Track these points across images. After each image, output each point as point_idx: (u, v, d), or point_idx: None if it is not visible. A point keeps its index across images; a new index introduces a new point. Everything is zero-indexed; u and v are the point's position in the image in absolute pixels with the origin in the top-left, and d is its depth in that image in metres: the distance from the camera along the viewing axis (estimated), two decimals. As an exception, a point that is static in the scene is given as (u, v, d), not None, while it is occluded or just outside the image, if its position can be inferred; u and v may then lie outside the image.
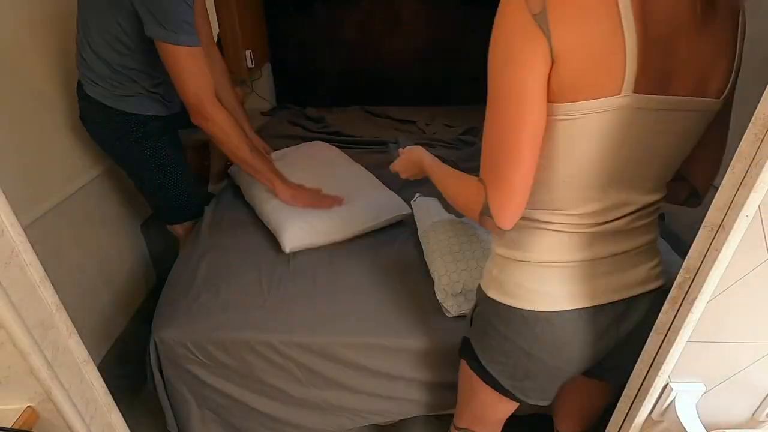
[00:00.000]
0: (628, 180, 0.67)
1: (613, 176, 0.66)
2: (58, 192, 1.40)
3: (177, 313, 1.17)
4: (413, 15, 2.54)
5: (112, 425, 0.72)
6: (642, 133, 0.63)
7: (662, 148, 0.66)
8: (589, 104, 0.59)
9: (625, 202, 0.69)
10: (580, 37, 0.56)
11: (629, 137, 0.62)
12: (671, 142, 0.66)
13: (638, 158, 0.65)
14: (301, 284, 1.25)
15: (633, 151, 0.64)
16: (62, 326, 0.61)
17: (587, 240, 0.70)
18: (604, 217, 0.69)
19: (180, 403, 1.20)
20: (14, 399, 0.59)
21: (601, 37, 0.57)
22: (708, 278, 0.55)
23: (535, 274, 0.73)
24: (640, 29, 0.56)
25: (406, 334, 1.12)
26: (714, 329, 0.61)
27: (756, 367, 0.65)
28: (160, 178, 1.48)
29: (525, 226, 0.72)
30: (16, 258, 0.53)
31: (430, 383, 1.17)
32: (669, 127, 0.64)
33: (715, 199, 0.53)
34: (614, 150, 0.63)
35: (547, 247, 0.71)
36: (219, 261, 1.33)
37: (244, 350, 1.12)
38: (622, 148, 0.63)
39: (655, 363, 0.66)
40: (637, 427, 0.73)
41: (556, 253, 0.71)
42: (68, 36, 1.43)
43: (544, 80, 0.59)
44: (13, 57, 1.24)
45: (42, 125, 1.35)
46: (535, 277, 0.73)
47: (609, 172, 0.65)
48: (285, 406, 1.19)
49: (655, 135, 0.64)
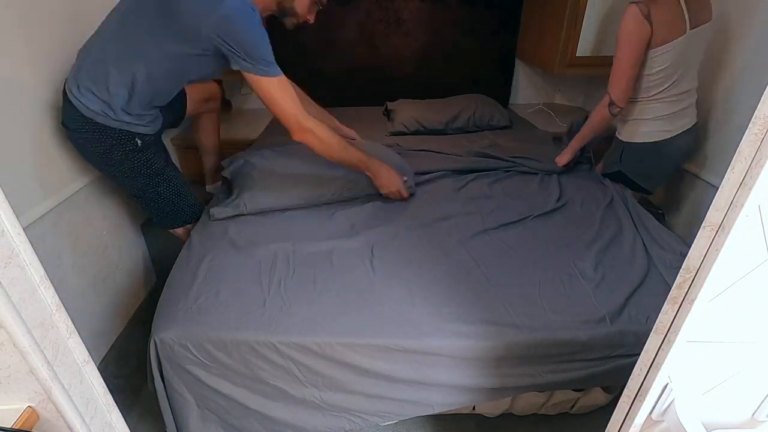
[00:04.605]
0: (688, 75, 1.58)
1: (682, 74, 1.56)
2: (58, 192, 1.39)
3: (177, 313, 1.17)
4: (413, 15, 2.54)
5: (112, 425, 0.72)
6: (692, 49, 1.52)
7: (698, 55, 1.57)
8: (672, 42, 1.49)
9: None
10: (665, 19, 1.46)
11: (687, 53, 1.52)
12: (702, 49, 1.57)
13: (692, 63, 1.56)
14: (301, 284, 1.25)
15: (689, 60, 1.55)
16: (62, 326, 0.61)
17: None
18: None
19: (180, 404, 1.20)
20: (14, 399, 0.59)
21: (674, 17, 1.47)
22: (708, 278, 0.55)
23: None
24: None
25: (406, 334, 1.12)
26: (714, 329, 0.61)
27: (756, 367, 0.65)
28: (154, 185, 1.49)
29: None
30: (16, 258, 0.53)
31: (430, 384, 1.17)
32: (701, 44, 1.54)
33: (715, 199, 0.53)
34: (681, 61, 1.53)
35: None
36: (219, 261, 1.33)
37: (244, 350, 1.12)
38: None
39: (655, 363, 0.66)
40: (637, 427, 0.73)
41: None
42: (67, 38, 1.43)
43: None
44: (13, 58, 1.24)
45: (42, 125, 1.35)
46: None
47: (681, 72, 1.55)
48: (285, 406, 1.19)
49: (696, 49, 1.54)
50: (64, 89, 1.32)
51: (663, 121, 1.63)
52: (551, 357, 1.15)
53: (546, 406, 1.37)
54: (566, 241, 1.45)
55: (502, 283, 1.27)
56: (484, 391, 1.18)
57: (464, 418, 1.44)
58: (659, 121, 1.63)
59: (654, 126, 1.64)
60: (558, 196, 1.71)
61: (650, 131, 1.65)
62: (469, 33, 2.61)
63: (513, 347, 1.12)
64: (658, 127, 1.64)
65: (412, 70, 2.69)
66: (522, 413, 1.41)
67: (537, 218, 1.58)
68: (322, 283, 1.26)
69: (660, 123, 1.63)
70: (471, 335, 1.12)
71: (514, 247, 1.42)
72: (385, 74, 2.68)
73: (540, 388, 1.21)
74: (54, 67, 1.39)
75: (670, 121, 1.62)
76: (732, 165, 0.50)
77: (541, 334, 1.13)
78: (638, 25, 1.45)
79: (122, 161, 1.40)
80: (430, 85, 2.69)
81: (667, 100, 1.59)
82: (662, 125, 1.63)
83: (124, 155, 1.39)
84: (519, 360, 1.14)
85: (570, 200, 1.70)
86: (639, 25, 1.45)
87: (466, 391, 1.18)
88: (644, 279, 1.29)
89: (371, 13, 2.52)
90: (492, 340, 1.12)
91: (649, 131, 1.65)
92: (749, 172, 0.49)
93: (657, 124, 1.63)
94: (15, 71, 1.25)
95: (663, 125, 1.63)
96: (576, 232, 1.51)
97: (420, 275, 1.29)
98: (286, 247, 1.39)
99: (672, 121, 1.62)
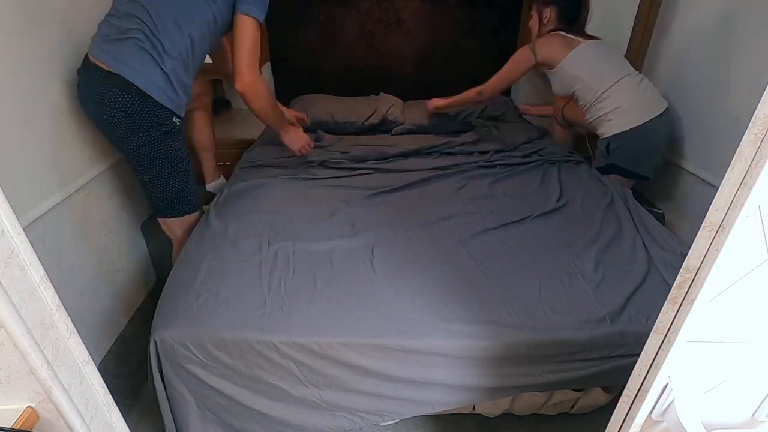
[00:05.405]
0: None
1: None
2: (58, 192, 1.39)
3: (177, 313, 1.17)
4: (413, 15, 2.54)
5: (112, 425, 0.72)
6: (589, 57, 1.90)
7: (602, 59, 1.92)
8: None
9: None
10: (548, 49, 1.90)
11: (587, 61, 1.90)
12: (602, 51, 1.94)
13: (600, 64, 1.90)
14: (301, 284, 1.25)
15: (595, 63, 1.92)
16: (62, 326, 0.61)
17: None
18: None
19: (180, 403, 1.20)
20: (14, 399, 0.59)
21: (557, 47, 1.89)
22: (708, 278, 0.55)
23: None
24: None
25: (406, 334, 1.12)
26: (714, 329, 0.61)
27: (756, 367, 0.65)
28: (176, 169, 1.50)
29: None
30: (16, 258, 0.53)
31: (430, 383, 1.17)
32: (595, 51, 1.91)
33: (715, 199, 0.53)
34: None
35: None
36: (219, 261, 1.33)
37: (244, 350, 1.12)
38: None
39: (655, 363, 0.66)
40: (637, 427, 0.73)
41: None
42: (68, 38, 1.43)
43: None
44: (12, 59, 1.24)
45: (41, 126, 1.35)
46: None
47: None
48: (285, 406, 1.19)
49: (595, 56, 1.91)
50: (96, 64, 1.32)
51: (628, 112, 1.82)
52: (551, 357, 1.15)
53: (546, 406, 1.37)
54: (566, 241, 1.45)
55: (502, 283, 1.27)
56: (484, 391, 1.18)
57: (464, 418, 1.44)
58: (625, 113, 1.82)
59: (624, 116, 1.82)
60: (558, 196, 1.72)
61: (622, 121, 1.82)
62: (469, 33, 2.61)
63: (513, 347, 1.12)
64: (628, 116, 1.82)
65: (412, 70, 2.69)
66: (522, 413, 1.41)
67: (537, 218, 1.58)
68: (322, 283, 1.26)
69: (627, 113, 1.82)
70: (471, 335, 1.12)
71: (514, 247, 1.42)
72: (385, 74, 2.68)
73: (540, 388, 1.21)
74: (52, 64, 1.39)
75: (635, 109, 1.82)
76: (732, 165, 0.50)
77: (541, 334, 1.13)
78: (523, 53, 1.97)
79: (158, 141, 1.42)
80: (430, 85, 2.69)
81: (608, 96, 1.84)
82: (631, 114, 1.81)
83: (161, 135, 1.41)
84: (519, 360, 1.14)
85: (570, 200, 1.70)
86: (524, 53, 1.97)
87: (466, 391, 1.18)
88: (644, 279, 1.29)
89: (371, 13, 2.52)
90: (492, 340, 1.12)
91: (621, 121, 1.83)
92: (749, 172, 0.49)
93: (625, 114, 1.82)
94: (14, 71, 1.25)
95: (632, 114, 1.81)
96: (576, 232, 1.51)
97: (420, 275, 1.29)
98: (287, 247, 1.39)
99: (636, 109, 1.82)
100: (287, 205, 1.64)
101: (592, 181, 1.85)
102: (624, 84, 1.83)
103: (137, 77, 1.31)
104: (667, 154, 1.99)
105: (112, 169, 1.68)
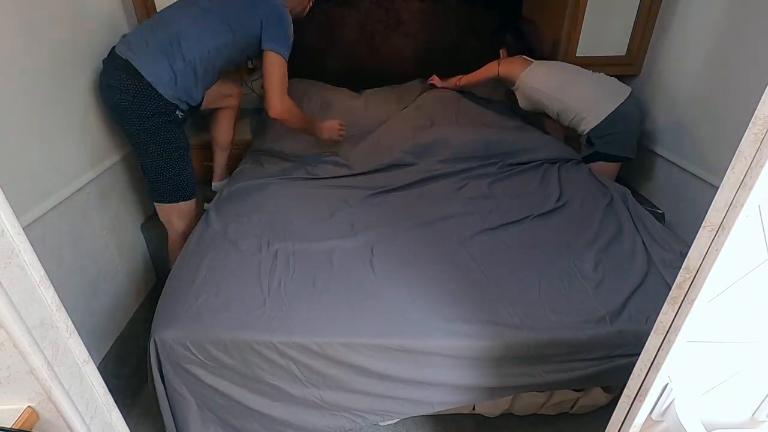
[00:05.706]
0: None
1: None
2: (58, 192, 1.39)
3: (177, 313, 1.17)
4: (413, 15, 2.54)
5: (112, 425, 0.72)
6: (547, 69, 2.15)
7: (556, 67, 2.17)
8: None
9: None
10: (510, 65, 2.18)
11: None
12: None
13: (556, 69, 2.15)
14: (301, 284, 1.25)
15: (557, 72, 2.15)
16: (62, 326, 0.61)
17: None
18: None
19: (180, 403, 1.20)
20: (14, 399, 0.59)
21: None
22: (708, 278, 0.55)
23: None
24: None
25: (406, 334, 1.12)
26: (714, 329, 0.61)
27: (756, 367, 0.65)
28: (173, 156, 1.61)
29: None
30: (16, 258, 0.53)
31: (430, 383, 1.17)
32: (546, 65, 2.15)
33: (715, 199, 0.53)
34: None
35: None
36: (219, 261, 1.33)
37: (244, 350, 1.12)
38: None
39: (655, 363, 0.66)
40: (637, 427, 0.73)
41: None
42: (75, 39, 1.43)
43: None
44: (12, 59, 1.24)
45: (41, 126, 1.35)
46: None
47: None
48: (285, 405, 1.19)
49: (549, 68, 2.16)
50: (118, 55, 1.48)
51: (597, 105, 1.97)
52: (551, 357, 1.15)
53: (546, 406, 1.37)
54: (566, 241, 1.45)
55: (502, 283, 1.27)
56: (484, 391, 1.19)
57: (464, 417, 1.44)
58: (594, 106, 1.97)
59: (594, 110, 1.97)
60: (558, 196, 1.71)
61: (595, 114, 1.97)
62: (469, 33, 2.61)
63: (513, 347, 1.12)
64: (598, 108, 1.96)
65: (412, 70, 2.68)
66: (522, 413, 1.41)
67: (537, 218, 1.58)
68: (322, 283, 1.26)
69: (596, 106, 1.97)
70: (471, 335, 1.12)
71: (514, 247, 1.42)
72: (385, 74, 2.68)
73: (540, 388, 1.21)
74: (52, 64, 1.39)
75: (602, 100, 1.97)
76: (732, 165, 0.50)
77: (541, 334, 1.13)
78: (491, 66, 2.24)
79: (159, 128, 1.54)
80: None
81: (572, 98, 2.01)
82: (601, 105, 1.96)
83: (162, 123, 1.54)
84: (519, 360, 1.15)
85: (570, 200, 1.70)
86: (492, 66, 2.24)
87: (466, 391, 1.18)
88: (644, 279, 1.29)
89: (371, 13, 2.52)
90: (492, 340, 1.12)
91: (594, 115, 1.97)
92: (749, 172, 0.49)
93: (594, 107, 1.97)
94: (13, 71, 1.25)
95: (601, 105, 1.96)
96: (576, 231, 1.51)
97: (420, 275, 1.29)
98: (286, 247, 1.39)
99: (603, 100, 1.97)
100: (287, 205, 1.64)
101: (592, 181, 1.85)
102: (583, 81, 2.02)
103: (150, 74, 1.47)
104: (668, 154, 1.99)
105: (112, 170, 1.68)
